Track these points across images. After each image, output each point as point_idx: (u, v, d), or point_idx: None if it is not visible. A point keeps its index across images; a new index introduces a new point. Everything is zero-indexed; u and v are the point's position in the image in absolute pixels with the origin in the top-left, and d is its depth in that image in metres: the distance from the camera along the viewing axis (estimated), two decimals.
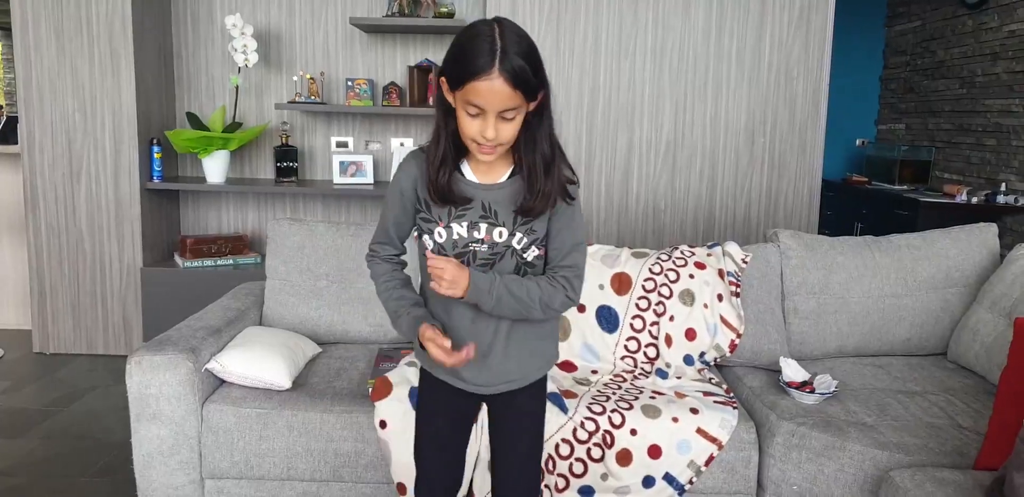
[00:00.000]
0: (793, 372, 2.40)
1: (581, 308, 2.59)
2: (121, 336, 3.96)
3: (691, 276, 2.61)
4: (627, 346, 2.57)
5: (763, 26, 3.76)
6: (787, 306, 2.71)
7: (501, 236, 1.55)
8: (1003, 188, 4.89)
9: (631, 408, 2.21)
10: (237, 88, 4.02)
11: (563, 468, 2.17)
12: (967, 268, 2.75)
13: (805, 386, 2.34)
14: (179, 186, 3.96)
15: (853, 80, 6.57)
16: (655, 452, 2.16)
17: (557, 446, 2.16)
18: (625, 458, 2.16)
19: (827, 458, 2.09)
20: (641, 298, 2.60)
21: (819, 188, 3.92)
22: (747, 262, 2.70)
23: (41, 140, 3.80)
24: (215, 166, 3.96)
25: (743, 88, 3.81)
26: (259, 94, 4.19)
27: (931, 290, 2.72)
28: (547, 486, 2.17)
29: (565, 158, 1.58)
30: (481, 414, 2.14)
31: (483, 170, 1.57)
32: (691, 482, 2.17)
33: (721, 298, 2.59)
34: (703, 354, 2.56)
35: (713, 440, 2.17)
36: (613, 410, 2.20)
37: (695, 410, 2.22)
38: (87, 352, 3.97)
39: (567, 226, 1.59)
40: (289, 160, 4.04)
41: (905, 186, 5.78)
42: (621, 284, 2.62)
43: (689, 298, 2.58)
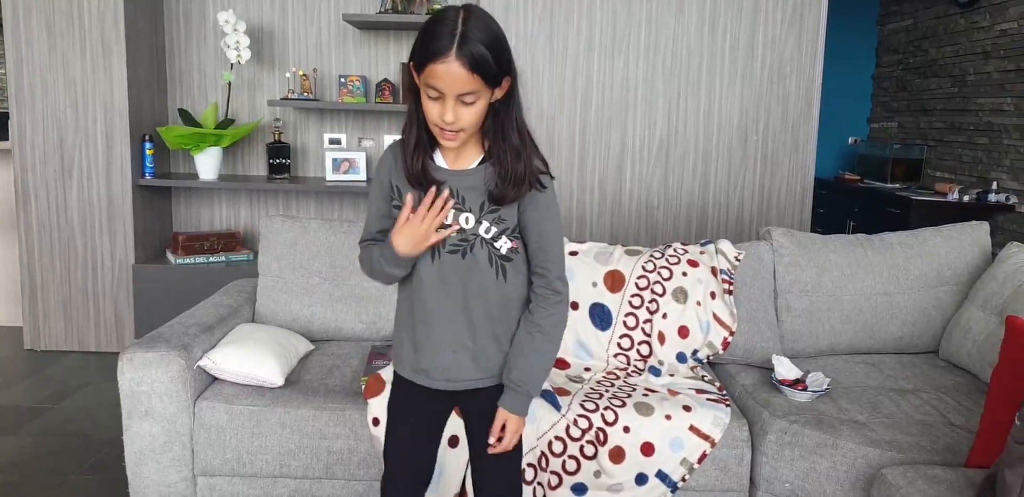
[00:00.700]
0: (786, 370, 2.41)
1: (575, 306, 2.59)
2: (113, 333, 3.95)
3: (684, 274, 2.61)
4: (620, 344, 2.57)
5: (756, 24, 3.76)
6: (780, 304, 2.71)
7: (468, 222, 1.56)
8: (994, 186, 4.91)
9: (624, 405, 2.22)
10: (230, 84, 4.01)
11: (556, 465, 2.17)
12: (959, 266, 2.76)
13: (798, 384, 2.34)
14: (171, 183, 3.95)
15: (846, 78, 6.59)
16: (648, 449, 2.16)
17: (550, 443, 2.16)
18: (618, 455, 2.16)
19: (819, 456, 2.10)
20: (634, 296, 2.60)
21: (812, 186, 3.92)
22: (740, 260, 2.71)
23: (32, 136, 3.78)
24: (207, 163, 3.94)
25: (736, 86, 3.81)
26: (252, 91, 4.18)
27: (923, 288, 2.73)
28: (540, 483, 2.17)
29: (536, 147, 1.58)
30: None
31: (453, 157, 1.58)
32: (684, 479, 2.17)
33: (714, 296, 2.60)
34: (696, 352, 2.56)
35: (706, 438, 2.17)
36: (606, 407, 2.20)
37: (688, 407, 2.22)
38: (79, 349, 3.95)
39: (546, 217, 1.59)
40: (282, 157, 4.03)
41: (897, 184, 5.80)
42: (614, 282, 2.62)
43: (682, 296, 2.58)
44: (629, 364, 2.55)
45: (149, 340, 2.24)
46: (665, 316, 2.57)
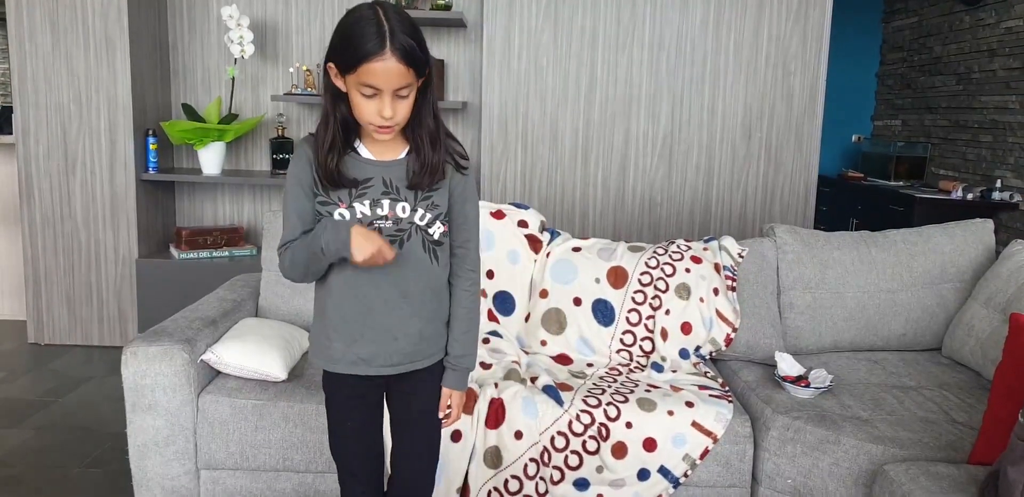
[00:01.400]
0: (788, 366, 2.41)
1: (577, 301, 2.59)
2: (116, 327, 3.95)
3: (687, 270, 2.61)
4: (623, 340, 2.57)
5: (761, 21, 3.76)
6: (783, 301, 2.71)
7: (404, 211, 1.57)
8: (998, 185, 4.90)
9: (626, 401, 2.22)
10: (233, 79, 4.01)
11: (558, 460, 2.17)
12: (963, 264, 2.76)
13: (800, 380, 2.34)
14: (175, 177, 3.95)
15: (850, 76, 6.57)
16: (650, 445, 2.16)
17: (553, 439, 2.17)
18: (620, 451, 2.16)
19: (822, 452, 2.10)
20: (637, 292, 2.60)
21: (815, 183, 3.92)
22: (743, 256, 2.71)
23: (36, 130, 3.78)
24: (211, 158, 3.95)
25: (740, 82, 3.81)
26: (255, 86, 4.18)
27: (926, 285, 2.73)
28: (542, 478, 2.17)
29: (450, 133, 1.63)
30: (478, 406, 2.15)
31: (380, 148, 1.59)
32: (686, 475, 2.17)
33: (717, 292, 2.60)
34: (699, 348, 2.56)
35: (708, 434, 2.17)
36: (608, 403, 2.20)
37: (690, 404, 2.22)
38: (82, 343, 3.96)
39: (469, 198, 1.66)
40: (285, 152, 4.03)
41: (901, 182, 5.79)
42: (617, 278, 2.62)
43: (685, 292, 2.58)
44: (632, 360, 2.55)
45: (153, 334, 2.24)
46: (668, 312, 2.57)
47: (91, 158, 3.82)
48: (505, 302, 2.65)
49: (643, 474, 2.17)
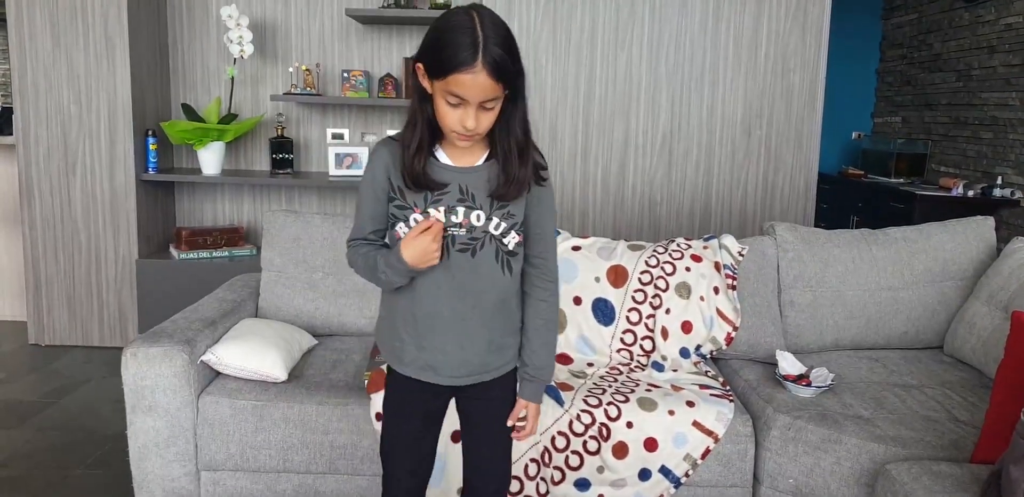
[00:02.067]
0: (789, 365, 2.40)
1: (577, 300, 2.59)
2: (116, 328, 3.95)
3: (687, 269, 2.61)
4: (623, 339, 2.57)
5: (760, 18, 3.75)
6: (783, 299, 2.71)
7: (479, 220, 1.55)
8: (999, 181, 4.89)
9: (627, 401, 2.21)
10: (233, 79, 4.00)
11: (559, 461, 2.17)
12: (964, 261, 2.75)
13: (801, 379, 2.34)
14: (175, 178, 3.95)
15: (850, 73, 6.56)
16: (651, 445, 2.16)
17: (553, 439, 2.16)
18: (621, 451, 2.16)
19: (823, 451, 2.09)
20: (637, 291, 2.59)
21: (815, 181, 3.91)
22: (743, 255, 2.70)
23: (36, 131, 3.78)
24: (211, 158, 3.94)
25: (740, 80, 3.80)
26: (255, 85, 4.17)
27: (928, 283, 2.72)
28: (543, 478, 2.17)
29: (534, 143, 1.60)
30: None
31: (458, 154, 1.56)
32: (687, 475, 2.17)
33: (717, 291, 2.59)
34: (699, 347, 2.56)
35: (709, 433, 2.17)
36: (609, 403, 2.20)
37: (691, 403, 2.22)
38: (82, 344, 3.96)
39: (547, 209, 1.63)
40: (285, 152, 4.03)
41: (901, 179, 5.78)
42: (617, 277, 2.61)
43: (685, 291, 2.58)
44: (632, 359, 2.55)
45: (153, 335, 2.24)
46: (668, 311, 2.56)
47: (91, 158, 3.81)
48: None
49: (644, 474, 2.17)
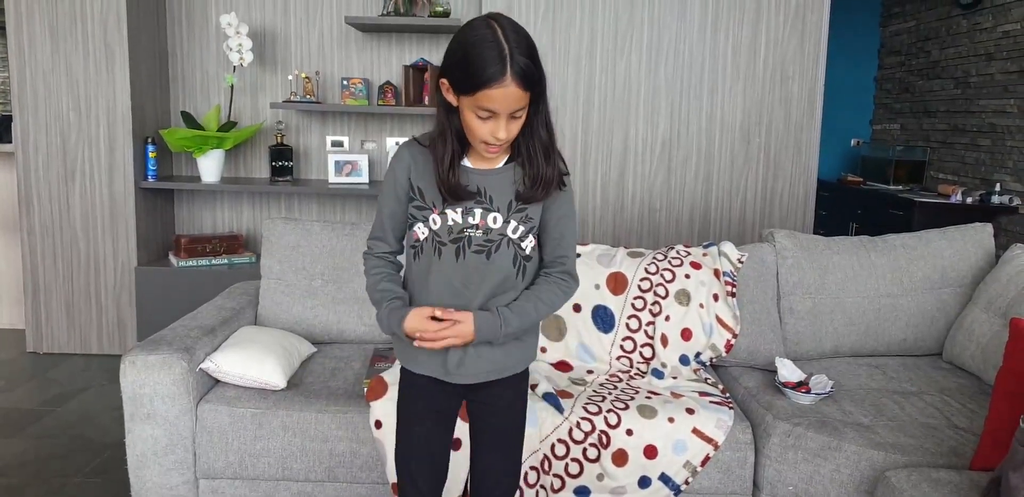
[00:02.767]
0: (789, 372, 2.40)
1: (577, 308, 2.59)
2: (115, 336, 3.95)
3: (687, 276, 2.61)
4: (623, 346, 2.56)
5: (759, 25, 3.76)
6: (783, 306, 2.71)
7: (495, 222, 1.56)
8: (997, 188, 4.90)
9: (627, 408, 2.21)
10: (232, 87, 4.01)
11: (559, 468, 2.16)
12: (962, 268, 2.75)
13: (801, 386, 2.34)
14: (174, 185, 3.95)
15: (848, 80, 6.58)
16: (651, 452, 2.15)
17: (553, 446, 2.16)
18: (621, 458, 2.15)
19: (823, 458, 2.09)
20: (637, 298, 2.59)
21: (814, 188, 3.92)
22: (743, 262, 2.70)
23: (35, 139, 3.79)
24: (210, 165, 3.95)
25: (739, 87, 3.81)
26: (254, 93, 4.18)
27: (927, 290, 2.72)
28: (542, 486, 2.16)
29: (558, 150, 1.61)
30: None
31: (480, 156, 1.57)
32: (687, 482, 2.16)
33: (717, 298, 2.59)
34: (699, 354, 2.56)
35: (709, 440, 2.16)
36: (609, 410, 2.20)
37: (691, 410, 2.21)
38: (81, 352, 3.95)
39: (568, 214, 1.63)
40: (284, 159, 4.03)
41: (900, 186, 5.79)
42: (617, 284, 2.61)
43: (685, 298, 2.58)
44: (632, 367, 2.55)
45: (151, 343, 2.24)
46: (668, 318, 2.56)
47: (90, 166, 3.82)
48: None
49: (644, 482, 2.16)
